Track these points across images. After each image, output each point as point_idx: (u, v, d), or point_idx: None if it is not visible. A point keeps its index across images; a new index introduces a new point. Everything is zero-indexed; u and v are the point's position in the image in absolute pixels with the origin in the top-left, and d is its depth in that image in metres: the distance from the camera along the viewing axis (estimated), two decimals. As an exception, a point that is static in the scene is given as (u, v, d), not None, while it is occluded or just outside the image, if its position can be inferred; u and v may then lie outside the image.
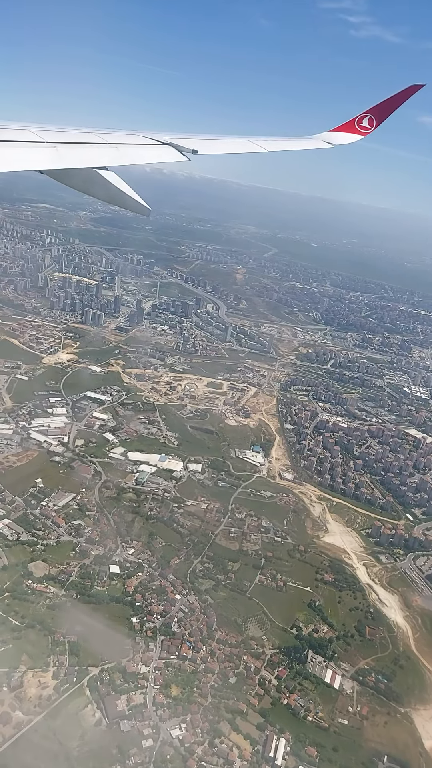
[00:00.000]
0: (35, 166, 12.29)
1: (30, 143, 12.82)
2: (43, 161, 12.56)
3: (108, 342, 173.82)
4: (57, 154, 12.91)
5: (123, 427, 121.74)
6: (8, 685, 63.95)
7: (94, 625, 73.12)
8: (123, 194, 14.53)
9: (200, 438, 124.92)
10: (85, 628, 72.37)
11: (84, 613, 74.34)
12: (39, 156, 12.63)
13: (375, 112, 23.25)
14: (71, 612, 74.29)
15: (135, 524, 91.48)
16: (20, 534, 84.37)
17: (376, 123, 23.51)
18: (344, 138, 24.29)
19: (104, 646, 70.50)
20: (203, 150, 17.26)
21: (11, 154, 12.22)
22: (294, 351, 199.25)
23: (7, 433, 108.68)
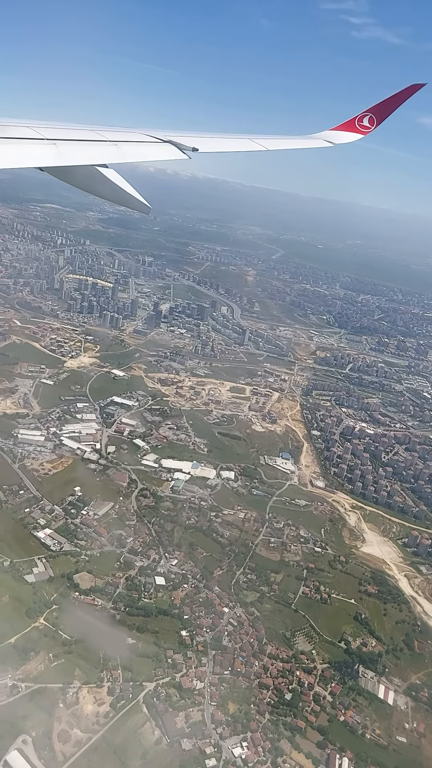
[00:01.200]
0: (35, 163, 12.24)
1: (30, 140, 12.71)
2: (42, 158, 12.47)
3: (127, 345, 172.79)
4: (57, 152, 12.85)
5: (152, 433, 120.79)
6: (64, 701, 63.03)
7: (144, 638, 71.67)
8: (123, 192, 14.44)
9: (229, 444, 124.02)
10: (135, 641, 70.88)
11: (133, 627, 72.88)
12: (39, 153, 12.53)
13: (375, 111, 23.05)
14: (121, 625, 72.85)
15: (175, 534, 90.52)
16: (63, 544, 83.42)
17: (377, 122, 23.30)
18: (344, 137, 24.06)
19: (156, 662, 69.07)
20: (203, 148, 16.97)
21: (11, 150, 12.07)
22: (311, 355, 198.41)
23: (40, 440, 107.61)
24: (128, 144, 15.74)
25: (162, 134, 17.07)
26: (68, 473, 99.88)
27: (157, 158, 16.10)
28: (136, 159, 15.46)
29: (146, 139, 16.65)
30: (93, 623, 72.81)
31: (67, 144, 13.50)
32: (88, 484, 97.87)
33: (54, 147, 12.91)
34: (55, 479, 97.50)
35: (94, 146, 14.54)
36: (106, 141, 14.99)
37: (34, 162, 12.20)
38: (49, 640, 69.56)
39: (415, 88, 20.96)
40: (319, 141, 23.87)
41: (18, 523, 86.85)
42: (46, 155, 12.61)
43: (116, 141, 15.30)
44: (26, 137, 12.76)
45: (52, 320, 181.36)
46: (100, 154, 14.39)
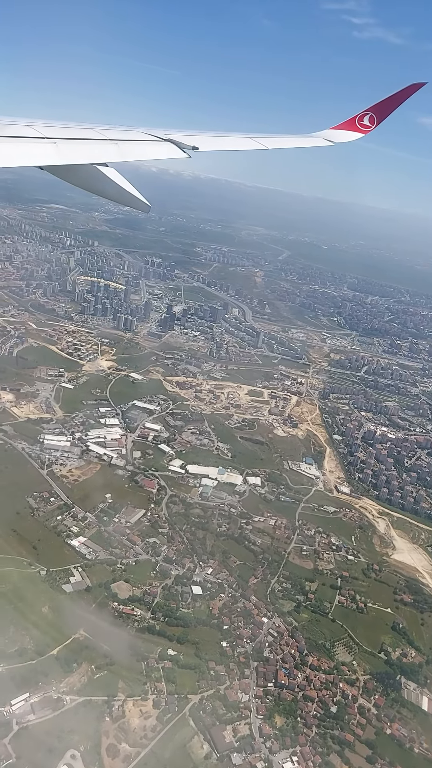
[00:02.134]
0: (36, 161, 12.25)
1: (30, 139, 12.68)
2: (43, 157, 12.50)
3: (143, 348, 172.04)
4: (57, 150, 12.83)
5: (176, 438, 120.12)
6: (110, 715, 62.31)
7: (185, 649, 71.00)
8: (123, 190, 14.46)
9: (252, 449, 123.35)
10: (177, 652, 70.19)
11: (173, 638, 72.18)
12: (39, 152, 12.53)
13: (376, 110, 22.97)
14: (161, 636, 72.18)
15: (207, 542, 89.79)
16: (98, 553, 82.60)
17: (377, 121, 23.23)
18: (345, 136, 23.98)
19: (199, 674, 68.39)
20: (203, 147, 16.84)
21: (11, 149, 12.09)
22: (325, 357, 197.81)
23: (66, 446, 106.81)
24: (128, 143, 15.69)
25: (162, 133, 16.95)
26: (97, 480, 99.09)
27: (157, 157, 16.02)
28: (137, 158, 15.42)
29: (146, 138, 16.57)
30: (134, 634, 71.78)
31: (67, 143, 13.47)
32: (118, 490, 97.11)
33: (54, 146, 12.86)
34: (84, 486, 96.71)
35: (95, 145, 14.46)
36: (107, 140, 14.93)
37: (34, 161, 12.19)
38: (90, 652, 68.84)
39: (415, 87, 20.91)
40: (319, 140, 23.70)
41: (51, 531, 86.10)
42: (47, 154, 12.60)
43: (116, 140, 15.24)
44: (27, 136, 12.72)
45: (67, 323, 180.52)
46: (101, 152, 14.35)
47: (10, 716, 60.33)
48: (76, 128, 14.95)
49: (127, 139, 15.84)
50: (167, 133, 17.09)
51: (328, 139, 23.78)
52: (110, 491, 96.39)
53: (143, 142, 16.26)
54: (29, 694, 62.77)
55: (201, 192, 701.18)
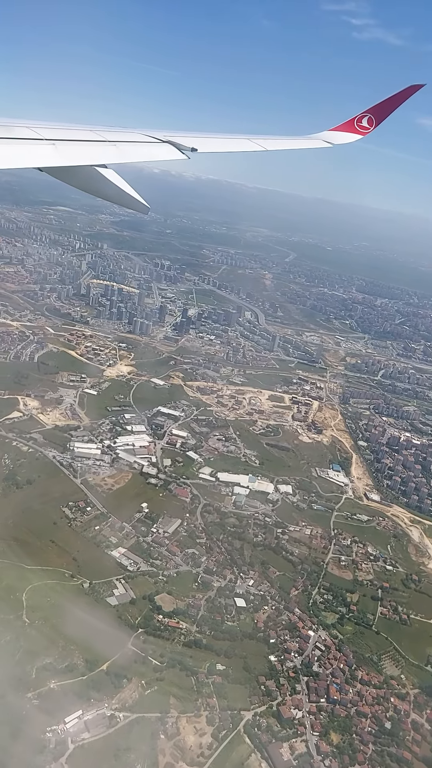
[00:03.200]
0: (34, 163, 12.24)
1: (29, 140, 12.66)
2: (42, 158, 12.49)
3: (160, 353, 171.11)
4: (56, 152, 12.84)
5: (203, 445, 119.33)
6: (165, 732, 61.40)
7: (233, 663, 70.14)
8: (122, 192, 14.40)
9: (278, 456, 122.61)
10: (226, 667, 69.35)
11: (221, 652, 71.34)
12: (38, 153, 12.53)
13: (374, 111, 22.90)
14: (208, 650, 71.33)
15: (245, 552, 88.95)
16: (139, 564, 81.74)
17: (376, 123, 23.15)
18: (343, 137, 23.90)
19: (250, 689, 67.55)
20: (202, 148, 16.85)
21: (10, 151, 12.04)
22: (341, 361, 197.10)
23: (96, 453, 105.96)
24: (127, 144, 15.74)
25: (161, 134, 16.92)
26: (131, 489, 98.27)
27: (156, 158, 16.09)
28: (136, 159, 15.50)
29: (145, 140, 16.58)
30: (180, 648, 70.94)
31: (66, 144, 13.51)
32: (153, 500, 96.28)
33: (53, 147, 12.88)
34: (119, 495, 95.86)
35: (94, 146, 14.51)
36: (106, 141, 14.95)
37: (33, 162, 12.20)
38: (140, 666, 68.05)
39: (414, 89, 20.83)
40: (318, 141, 23.66)
41: (90, 541, 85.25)
42: (46, 155, 12.59)
43: (115, 141, 15.25)
44: (25, 137, 12.69)
45: (83, 327, 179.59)
46: (100, 154, 14.37)
47: (65, 734, 59.40)
48: (76, 130, 14.92)
49: (126, 141, 15.86)
50: (166, 134, 17.01)
51: (327, 140, 23.69)
52: (145, 500, 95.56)
53: (142, 144, 16.30)
54: (82, 711, 61.89)
55: (203, 193, 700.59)
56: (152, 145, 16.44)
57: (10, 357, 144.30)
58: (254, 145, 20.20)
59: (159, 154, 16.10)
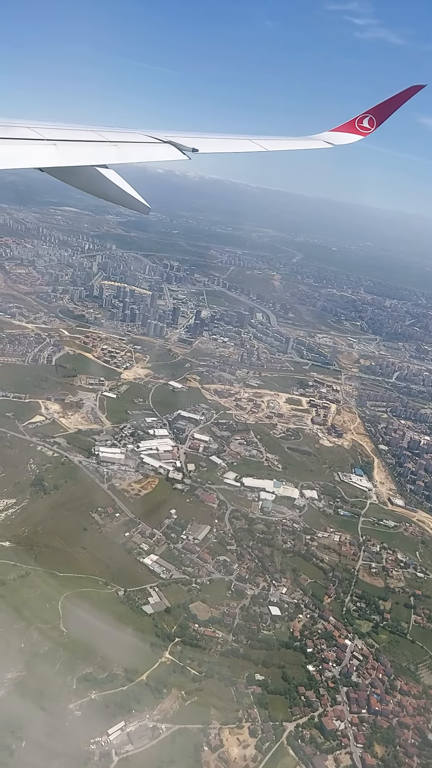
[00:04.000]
0: (36, 163, 12.26)
1: (30, 141, 12.68)
2: (43, 159, 12.52)
3: (175, 355, 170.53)
4: (57, 152, 12.86)
5: (225, 449, 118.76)
6: (208, 744, 60.82)
7: (272, 673, 69.51)
8: (123, 192, 14.44)
9: (300, 460, 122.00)
10: (264, 677, 68.73)
11: (258, 661, 70.70)
12: (39, 153, 12.55)
13: (375, 112, 22.95)
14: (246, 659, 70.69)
15: (275, 559, 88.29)
16: (171, 572, 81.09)
17: (377, 123, 23.21)
18: (344, 138, 23.93)
19: (290, 699, 66.91)
20: (203, 149, 16.86)
21: (12, 151, 12.08)
22: (355, 363, 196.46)
23: (120, 458, 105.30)
24: (128, 144, 15.75)
25: (162, 135, 16.91)
26: (158, 494, 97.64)
27: (157, 159, 16.13)
28: (136, 159, 15.51)
29: (146, 140, 16.58)
30: (218, 658, 70.29)
31: (67, 144, 13.51)
32: (181, 505, 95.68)
33: (54, 147, 12.89)
34: (146, 501, 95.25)
35: (94, 147, 14.50)
36: (106, 141, 14.94)
37: (34, 162, 12.22)
38: (179, 676, 67.39)
39: (415, 89, 20.83)
40: (318, 142, 23.70)
41: (121, 548, 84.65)
42: (47, 156, 12.62)
43: (116, 141, 15.25)
44: (27, 138, 12.71)
45: (98, 329, 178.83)
46: (100, 154, 14.39)
47: (108, 747, 58.82)
48: (76, 130, 14.88)
49: (127, 141, 15.88)
50: (167, 134, 16.99)
51: (328, 141, 23.71)
52: (173, 506, 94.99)
53: (143, 144, 16.31)
54: (124, 722, 61.34)
55: (207, 193, 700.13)
56: (153, 145, 16.42)
57: (28, 360, 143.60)
58: (255, 145, 20.19)
59: (160, 155, 16.10)
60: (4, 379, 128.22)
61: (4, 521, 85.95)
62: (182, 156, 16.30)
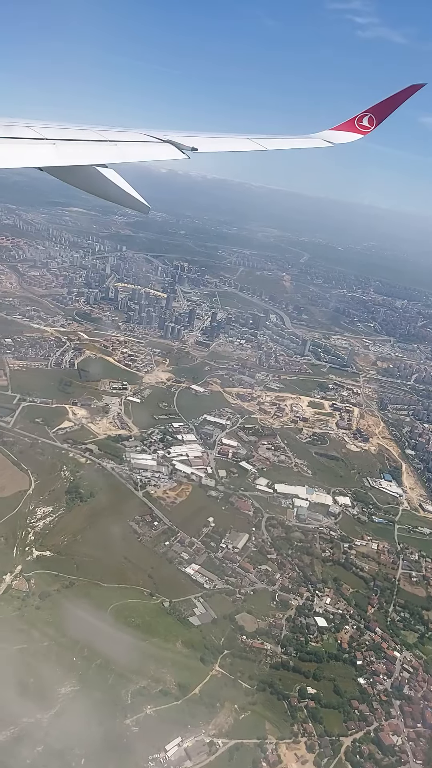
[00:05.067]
0: (35, 162, 12.20)
1: (29, 140, 12.63)
2: (42, 158, 12.47)
3: (194, 358, 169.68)
4: (56, 151, 12.83)
5: (253, 454, 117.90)
6: (266, 759, 60.21)
7: (324, 687, 68.70)
8: (123, 192, 14.38)
9: (329, 465, 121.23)
10: (316, 690, 67.92)
11: (309, 674, 69.88)
12: (39, 153, 12.50)
13: (375, 111, 22.79)
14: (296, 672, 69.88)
15: (315, 568, 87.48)
16: (214, 582, 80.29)
17: (376, 122, 23.03)
18: (344, 137, 23.79)
19: (344, 713, 66.08)
20: (203, 148, 16.77)
21: (11, 150, 12.05)
22: (373, 365, 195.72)
23: (152, 465, 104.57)
24: (128, 144, 15.74)
25: (161, 134, 16.89)
26: (193, 502, 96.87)
27: (156, 158, 16.10)
28: (136, 159, 15.50)
29: (146, 139, 16.56)
30: (268, 671, 69.51)
31: (66, 144, 13.48)
32: (217, 513, 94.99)
33: (54, 147, 12.86)
34: (182, 509, 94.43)
35: (94, 146, 14.50)
36: (106, 141, 14.92)
37: (34, 162, 12.15)
38: (231, 690, 66.66)
39: (415, 88, 20.74)
40: (318, 141, 23.54)
41: (161, 557, 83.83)
42: (46, 155, 12.58)
43: (116, 141, 15.25)
44: (26, 137, 12.66)
45: (115, 332, 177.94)
46: (100, 153, 14.36)
47: (167, 763, 58.13)
48: (76, 129, 14.90)
49: (127, 140, 15.85)
50: (166, 134, 16.98)
51: (327, 140, 23.58)
52: (210, 514, 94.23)
53: (142, 143, 16.28)
54: (181, 738, 60.54)
55: (210, 193, 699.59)
56: (153, 144, 16.38)
57: (51, 364, 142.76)
58: (255, 144, 20.05)
59: (159, 154, 16.08)
60: (29, 384, 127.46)
61: (42, 530, 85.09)
62: (181, 155, 16.23)
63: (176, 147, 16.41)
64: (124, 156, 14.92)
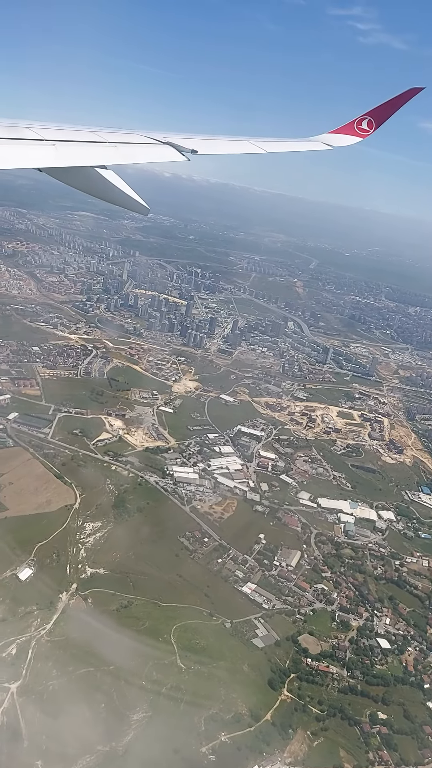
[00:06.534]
0: (35, 164, 12.16)
1: (30, 141, 12.60)
2: (42, 159, 12.44)
3: (218, 366, 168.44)
4: (56, 153, 12.80)
5: (292, 467, 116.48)
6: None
7: (393, 711, 67.20)
8: (122, 193, 14.37)
9: (366, 478, 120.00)
10: (387, 715, 66.43)
11: (378, 698, 68.40)
12: (39, 154, 12.48)
13: (374, 114, 22.78)
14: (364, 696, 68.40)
15: (370, 587, 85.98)
16: (272, 601, 78.77)
17: (376, 125, 23.03)
18: (343, 140, 23.83)
19: (418, 740, 64.59)
20: (202, 150, 16.74)
21: (11, 151, 11.98)
22: (395, 374, 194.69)
23: (195, 478, 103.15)
24: (127, 145, 15.67)
25: (161, 136, 16.80)
26: (241, 517, 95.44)
27: (156, 160, 16.09)
28: (135, 160, 15.58)
29: (145, 141, 16.47)
30: (336, 695, 68.01)
31: (66, 145, 13.45)
32: (266, 529, 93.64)
33: (53, 148, 12.83)
34: (231, 524, 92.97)
35: (93, 147, 14.43)
36: (106, 142, 14.84)
37: (33, 163, 12.13)
38: (302, 715, 65.22)
39: (414, 91, 20.69)
40: (317, 144, 23.60)
41: (216, 575, 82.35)
42: (46, 156, 12.56)
43: (115, 142, 15.16)
44: (26, 138, 12.61)
45: (138, 339, 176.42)
46: (99, 155, 14.30)
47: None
48: (76, 131, 14.81)
49: (127, 142, 15.80)
50: (166, 136, 16.88)
51: (327, 143, 23.62)
52: (259, 530, 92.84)
53: (142, 145, 16.21)
54: (258, 766, 58.72)
55: (213, 197, 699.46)
56: (152, 146, 16.30)
57: (81, 372, 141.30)
58: (254, 146, 20.08)
59: (159, 156, 16.02)
60: (61, 393, 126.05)
61: (93, 546, 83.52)
62: (181, 157, 16.12)
63: (176, 149, 16.27)
64: (124, 157, 14.87)
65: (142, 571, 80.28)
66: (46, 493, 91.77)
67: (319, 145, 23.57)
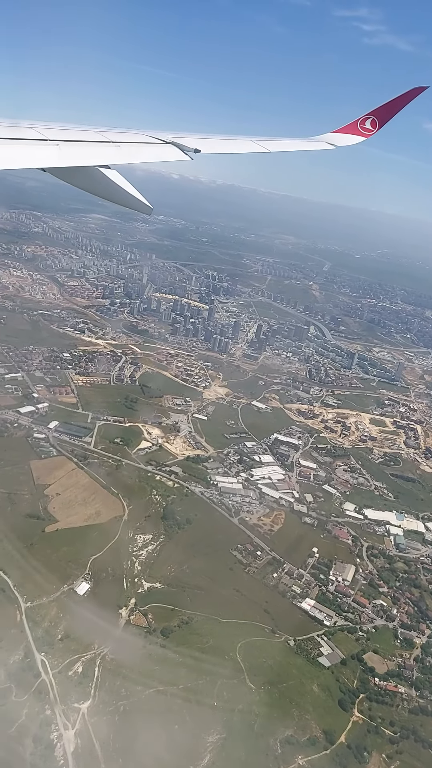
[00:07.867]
0: (39, 164, 12.08)
1: (33, 141, 12.50)
2: (46, 159, 12.37)
3: (245, 372, 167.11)
4: (60, 152, 12.73)
5: (333, 477, 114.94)
6: None
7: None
8: (126, 193, 14.26)
9: (407, 488, 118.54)
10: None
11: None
12: (42, 154, 12.39)
13: (378, 113, 22.62)
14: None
15: (428, 602, 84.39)
16: (333, 618, 77.18)
17: (379, 125, 22.86)
18: (347, 139, 23.68)
19: None
20: (205, 149, 16.63)
21: (15, 151, 11.89)
22: (420, 379, 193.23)
23: (239, 488, 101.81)
24: (130, 145, 15.52)
25: (164, 135, 16.71)
26: (291, 529, 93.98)
27: (159, 159, 15.94)
28: (138, 160, 15.58)
29: (148, 140, 16.36)
30: (407, 716, 66.45)
31: (70, 145, 13.36)
32: (318, 542, 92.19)
33: (57, 148, 12.76)
34: (281, 537, 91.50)
35: (97, 147, 14.32)
36: (109, 142, 14.74)
37: (37, 163, 12.05)
38: (375, 737, 63.68)
39: (418, 91, 20.59)
40: (321, 143, 23.40)
41: (273, 590, 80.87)
42: (50, 156, 12.48)
43: (118, 142, 15.05)
44: (30, 138, 12.52)
45: (164, 345, 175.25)
46: (102, 155, 14.20)
47: None
48: (79, 130, 14.67)
49: (130, 142, 15.63)
50: (169, 135, 16.77)
51: (330, 142, 23.44)
52: (311, 543, 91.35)
53: (145, 145, 16.10)
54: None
55: (220, 198, 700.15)
56: (155, 145, 16.20)
57: (113, 379, 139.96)
58: (257, 146, 19.92)
59: (162, 155, 15.91)
60: (97, 401, 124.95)
61: (147, 559, 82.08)
62: (184, 156, 16.03)
63: (179, 148, 16.20)
64: (127, 157, 14.78)
65: (198, 585, 78.85)
66: (94, 504, 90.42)
67: (323, 145, 23.35)
